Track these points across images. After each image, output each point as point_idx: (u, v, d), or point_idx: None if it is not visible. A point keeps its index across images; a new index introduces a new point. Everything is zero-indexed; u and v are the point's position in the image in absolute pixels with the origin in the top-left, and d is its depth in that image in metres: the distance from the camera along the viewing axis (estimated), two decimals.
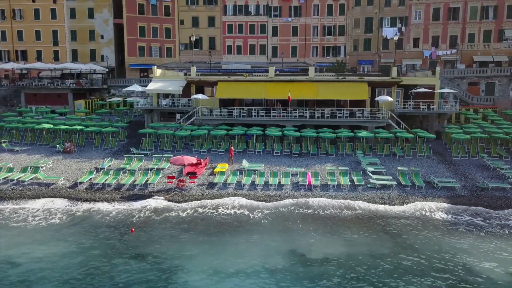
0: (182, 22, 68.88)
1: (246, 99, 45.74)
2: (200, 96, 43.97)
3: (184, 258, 21.54)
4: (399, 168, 33.61)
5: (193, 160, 32.70)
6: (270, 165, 36.11)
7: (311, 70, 45.72)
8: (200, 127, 42.76)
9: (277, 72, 51.83)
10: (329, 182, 31.83)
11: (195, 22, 68.90)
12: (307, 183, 31.60)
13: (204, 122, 44.09)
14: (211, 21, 68.91)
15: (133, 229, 25.15)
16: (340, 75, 48.01)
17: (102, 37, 67.81)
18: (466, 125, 43.37)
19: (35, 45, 68.70)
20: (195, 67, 48.33)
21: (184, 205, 29.25)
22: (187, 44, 69.22)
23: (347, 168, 33.89)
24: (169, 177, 32.51)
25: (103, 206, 29.09)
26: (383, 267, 20.65)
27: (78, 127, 42.63)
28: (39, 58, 68.25)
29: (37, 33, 68.47)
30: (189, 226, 25.69)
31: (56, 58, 68.24)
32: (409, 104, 43.64)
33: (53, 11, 67.81)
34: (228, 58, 68.83)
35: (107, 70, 63.72)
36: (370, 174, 32.73)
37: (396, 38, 52.03)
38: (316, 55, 67.57)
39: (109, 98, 59.92)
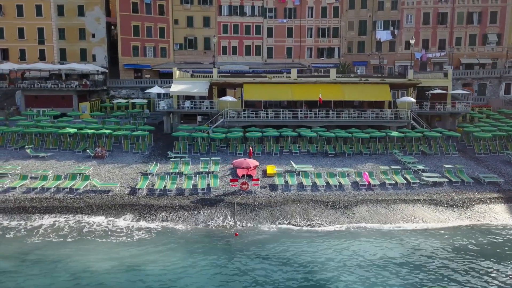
0: (176, 21, 67.73)
1: (269, 101, 46.27)
2: (230, 98, 43.89)
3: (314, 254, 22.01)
4: (445, 165, 35.74)
5: (256, 163, 32.85)
6: (315, 166, 36.89)
7: (333, 72, 47.04)
8: (229, 129, 42.81)
9: (285, 73, 52.89)
10: (386, 181, 33.24)
11: (190, 22, 68.02)
12: (366, 183, 32.83)
13: (232, 124, 44.11)
14: (206, 21, 68.35)
15: (237, 233, 25.20)
16: (356, 76, 49.76)
17: (93, 36, 65.11)
18: (478, 123, 46.51)
19: (18, 43, 64.66)
20: (216, 69, 48.06)
21: (271, 209, 29.31)
22: (182, 44, 68.27)
23: (399, 167, 35.47)
24: (232, 180, 32.45)
25: (184, 213, 28.61)
26: None
27: (106, 131, 41.12)
28: (22, 57, 64.46)
29: (20, 30, 64.51)
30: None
31: (42, 57, 64.63)
32: (425, 105, 46.19)
33: (38, 7, 64.13)
34: (224, 59, 68.62)
35: (106, 71, 61.39)
36: (421, 172, 34.58)
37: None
38: (311, 56, 69.11)
39: (110, 100, 58.02)
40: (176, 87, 45.47)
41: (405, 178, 33.66)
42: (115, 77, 64.68)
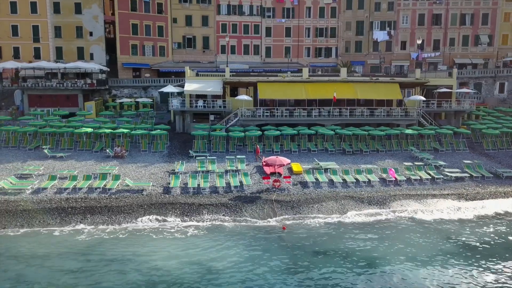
0: (175, 20, 67.23)
1: (280, 100, 46.72)
2: (245, 97, 44.08)
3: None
4: (465, 161, 37.13)
5: (288, 161, 33.22)
6: (338, 163, 37.55)
7: (343, 71, 47.91)
8: (245, 128, 43.02)
9: (289, 72, 53.56)
10: (411, 177, 34.23)
11: (189, 20, 67.65)
12: (393, 179, 33.73)
13: (246, 123, 44.32)
14: (205, 20, 68.13)
15: (284, 227, 25.52)
16: (364, 75, 50.79)
17: (91, 34, 63.86)
18: (483, 121, 48.27)
19: (12, 41, 62.75)
20: (229, 68, 48.11)
21: (303, 207, 29.73)
22: (180, 43, 67.85)
23: (422, 163, 36.55)
24: (264, 178, 32.72)
25: (226, 210, 28.73)
26: None
27: (124, 130, 40.60)
28: (16, 55, 62.62)
29: (14, 28, 62.67)
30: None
31: (37, 56, 62.92)
32: (432, 103, 47.65)
33: (33, 4, 62.33)
34: (222, 58, 68.47)
35: (108, 69, 60.33)
36: (443, 168, 35.77)
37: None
38: (309, 56, 69.92)
39: (113, 99, 57.16)
40: (190, 86, 45.29)
41: (428, 174, 34.75)
42: (113, 76, 63.65)
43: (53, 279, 19.50)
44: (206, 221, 27.19)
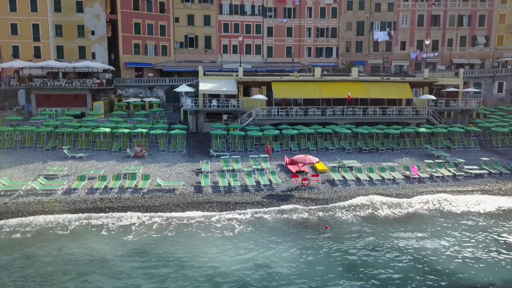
0: (177, 19, 66.92)
1: (290, 99, 47.16)
2: (261, 96, 44.30)
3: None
4: (482, 158, 38.18)
5: (316, 160, 33.59)
6: (358, 161, 38.14)
7: (354, 71, 48.61)
8: (261, 127, 43.25)
9: (296, 72, 54.09)
10: (434, 174, 35.04)
11: (191, 20, 67.43)
12: (417, 176, 34.46)
13: (261, 122, 44.55)
14: (207, 20, 68.01)
15: (327, 226, 25.85)
16: (373, 75, 51.60)
17: (93, 33, 63.00)
18: (489, 119, 49.53)
19: (11, 40, 61.47)
20: (242, 67, 48.23)
21: (343, 203, 30.17)
22: (182, 43, 67.59)
23: (442, 161, 37.42)
24: (293, 176, 33.03)
25: (263, 208, 28.92)
26: None
27: (143, 130, 40.33)
28: (15, 54, 61.38)
29: (13, 26, 61.38)
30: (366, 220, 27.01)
31: (37, 55, 61.78)
32: (440, 102, 48.78)
33: (33, 3, 61.12)
34: (224, 58, 68.51)
35: (114, 69, 59.60)
36: (462, 165, 36.72)
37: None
38: (310, 56, 70.53)
39: (119, 99, 56.60)
40: (205, 86, 45.28)
41: (449, 171, 35.63)
42: (114, 76, 62.87)
43: (115, 279, 19.40)
44: (247, 218, 27.28)
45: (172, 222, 26.25)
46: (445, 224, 26.63)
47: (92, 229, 25.06)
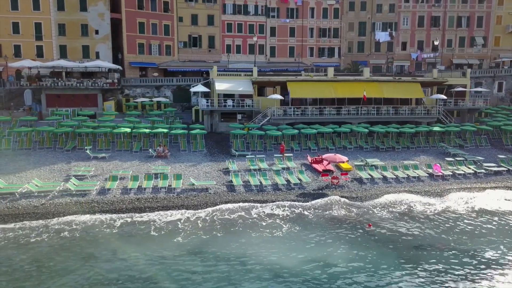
0: (181, 19, 66.63)
1: (304, 98, 47.55)
2: (278, 96, 44.58)
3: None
4: (499, 156, 39.24)
5: (346, 158, 34.04)
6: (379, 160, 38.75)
7: (366, 71, 49.32)
8: (277, 126, 43.54)
9: (303, 72, 54.51)
10: (456, 172, 35.87)
11: (194, 20, 67.23)
12: (440, 173, 35.23)
13: (277, 121, 44.84)
14: (210, 20, 67.90)
15: (370, 224, 26.25)
16: (381, 75, 52.40)
17: (96, 32, 62.24)
18: (495, 118, 50.85)
19: (12, 39, 60.30)
20: (256, 67, 48.40)
21: (377, 201, 30.65)
22: (186, 42, 67.34)
23: (463, 158, 38.31)
24: (323, 175, 33.39)
25: (303, 205, 29.26)
26: None
27: (164, 130, 40.14)
28: (17, 54, 60.25)
29: (15, 25, 60.22)
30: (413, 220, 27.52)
31: (40, 54, 60.72)
32: (449, 102, 49.88)
33: (35, 1, 60.09)
34: (227, 58, 68.54)
35: (121, 68, 58.98)
36: (480, 162, 37.69)
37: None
38: (312, 56, 71.10)
39: (126, 99, 56.10)
40: (220, 86, 45.31)
41: (469, 168, 36.53)
42: (120, 76, 62.28)
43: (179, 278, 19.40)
44: (289, 215, 27.53)
45: (215, 218, 26.38)
46: (484, 221, 27.34)
47: (139, 229, 24.88)
